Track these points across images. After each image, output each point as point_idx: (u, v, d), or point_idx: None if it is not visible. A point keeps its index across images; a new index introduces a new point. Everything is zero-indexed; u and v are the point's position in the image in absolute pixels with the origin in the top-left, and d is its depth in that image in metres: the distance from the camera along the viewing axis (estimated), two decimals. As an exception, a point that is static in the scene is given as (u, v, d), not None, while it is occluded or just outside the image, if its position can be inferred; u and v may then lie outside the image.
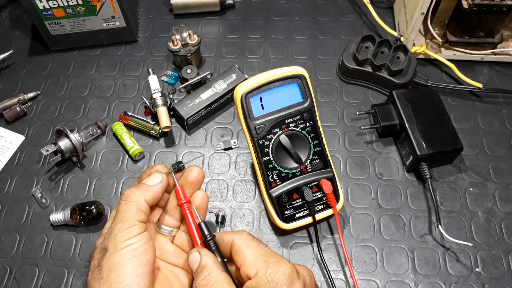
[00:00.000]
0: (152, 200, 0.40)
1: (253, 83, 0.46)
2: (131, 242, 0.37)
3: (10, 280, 0.51)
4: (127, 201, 0.39)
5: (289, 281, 0.35)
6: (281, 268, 0.36)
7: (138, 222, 0.39)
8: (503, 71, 0.66)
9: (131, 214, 0.39)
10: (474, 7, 0.57)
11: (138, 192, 0.40)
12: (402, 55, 0.63)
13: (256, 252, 0.37)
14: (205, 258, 0.38)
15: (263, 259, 0.37)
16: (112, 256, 0.37)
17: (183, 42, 0.65)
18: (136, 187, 0.41)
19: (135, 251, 0.37)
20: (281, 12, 0.74)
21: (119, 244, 0.37)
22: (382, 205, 0.55)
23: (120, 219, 0.39)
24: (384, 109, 0.59)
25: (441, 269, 0.51)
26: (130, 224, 0.38)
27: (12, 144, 0.61)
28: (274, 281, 0.35)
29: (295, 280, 0.36)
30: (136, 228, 0.38)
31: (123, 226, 0.38)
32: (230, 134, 0.61)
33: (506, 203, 0.55)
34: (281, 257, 0.37)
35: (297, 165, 0.49)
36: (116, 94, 0.65)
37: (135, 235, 0.38)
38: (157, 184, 0.41)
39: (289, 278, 0.36)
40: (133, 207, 0.39)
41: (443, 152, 0.54)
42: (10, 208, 0.56)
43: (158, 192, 0.41)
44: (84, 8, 0.64)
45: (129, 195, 0.40)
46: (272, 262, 0.36)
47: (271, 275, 0.35)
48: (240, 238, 0.39)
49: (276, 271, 0.36)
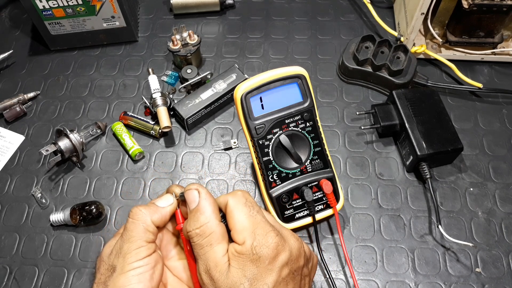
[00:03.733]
0: (159, 221, 0.40)
1: (253, 83, 0.46)
2: (139, 264, 0.37)
3: (10, 280, 0.51)
4: (134, 219, 0.39)
5: (272, 255, 0.36)
6: (267, 241, 0.36)
7: (146, 243, 0.38)
8: (503, 71, 0.66)
9: (139, 234, 0.38)
10: (474, 7, 0.57)
11: (146, 211, 0.39)
12: (402, 55, 0.63)
13: (245, 220, 0.37)
14: (203, 202, 0.38)
15: (251, 228, 0.37)
16: (119, 277, 0.37)
17: (183, 42, 0.65)
18: (145, 206, 0.40)
19: (141, 275, 0.37)
20: (281, 12, 0.74)
21: (126, 265, 0.37)
22: (382, 205, 0.55)
23: (128, 239, 0.38)
24: (384, 109, 0.59)
25: (441, 269, 0.51)
26: (138, 245, 0.38)
27: (12, 144, 0.61)
28: (258, 254, 0.36)
29: (279, 254, 0.36)
30: (144, 249, 0.38)
31: (131, 247, 0.38)
32: (230, 134, 0.61)
33: (506, 203, 0.55)
34: (269, 227, 0.37)
35: (297, 165, 0.49)
36: (116, 94, 0.65)
37: (143, 257, 0.38)
38: (166, 206, 0.41)
39: (273, 252, 0.36)
40: (140, 227, 0.38)
41: (443, 152, 0.54)
42: (10, 208, 0.56)
43: (167, 214, 0.41)
44: (84, 8, 0.64)
45: (136, 213, 0.39)
46: (259, 234, 0.36)
47: (255, 248, 0.36)
48: (234, 200, 0.38)
49: (261, 244, 0.36)
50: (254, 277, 0.35)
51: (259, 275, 0.35)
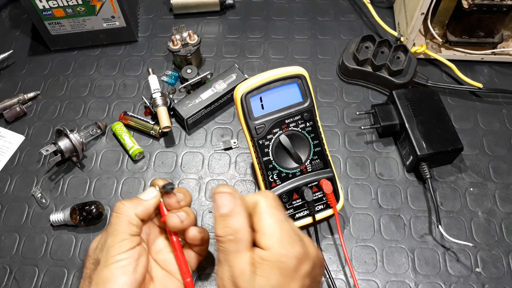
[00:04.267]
0: (143, 214, 0.40)
1: (253, 83, 0.46)
2: (122, 257, 0.37)
3: (10, 280, 0.51)
4: (118, 213, 0.39)
5: (297, 265, 0.35)
6: (293, 250, 0.36)
7: (130, 236, 0.38)
8: (503, 71, 0.66)
9: (122, 227, 0.39)
10: (474, 7, 0.57)
11: (129, 205, 0.40)
12: (402, 55, 0.63)
13: (275, 225, 0.36)
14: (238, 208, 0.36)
15: (280, 235, 0.36)
16: (102, 270, 0.37)
17: (183, 42, 0.65)
18: (128, 200, 0.41)
19: (124, 268, 0.37)
20: (281, 12, 0.74)
21: (110, 258, 0.37)
22: (382, 205, 0.55)
23: (112, 232, 0.39)
24: (384, 109, 0.59)
25: (441, 269, 0.51)
26: (122, 238, 0.38)
27: (12, 144, 0.61)
28: (284, 262, 0.35)
29: (303, 263, 0.36)
30: (127, 242, 0.38)
31: (115, 240, 0.38)
32: (230, 134, 0.61)
33: (506, 203, 0.55)
34: (296, 236, 0.37)
35: (297, 165, 0.49)
36: (116, 94, 0.65)
37: (127, 250, 0.38)
38: (149, 199, 0.41)
39: (298, 262, 0.35)
40: (124, 220, 0.39)
41: (443, 152, 0.54)
42: (10, 208, 0.56)
43: (150, 207, 0.41)
44: (84, 8, 0.64)
45: (119, 207, 0.40)
46: (287, 242, 0.36)
47: (282, 256, 0.35)
48: (266, 202, 0.37)
49: (288, 252, 0.35)
50: (279, 285, 0.35)
51: (284, 284, 0.35)
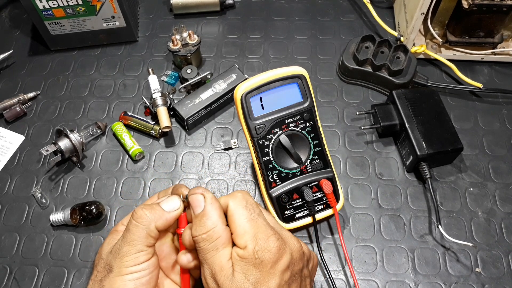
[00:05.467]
0: (163, 227, 0.39)
1: (253, 83, 0.46)
2: (136, 269, 0.37)
3: (10, 280, 0.51)
4: (138, 223, 0.38)
5: (274, 259, 0.36)
6: (269, 245, 0.36)
7: (146, 247, 0.38)
8: (503, 71, 0.66)
9: (140, 238, 0.38)
10: (474, 7, 0.57)
11: (150, 215, 0.38)
12: (402, 55, 0.63)
13: (246, 223, 0.37)
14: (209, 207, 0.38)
15: (253, 232, 0.37)
16: (115, 279, 0.37)
17: (183, 42, 0.65)
18: (150, 209, 0.39)
19: (137, 281, 0.37)
20: (281, 12, 0.74)
21: (123, 268, 0.37)
22: (382, 205, 0.55)
23: (129, 241, 0.38)
24: (384, 109, 0.59)
25: (441, 269, 0.51)
26: (138, 249, 0.37)
27: (12, 144, 0.61)
28: (260, 258, 0.36)
29: (281, 257, 0.36)
30: (143, 254, 0.38)
31: (131, 250, 0.37)
32: (230, 134, 0.61)
33: (506, 203, 0.55)
34: (270, 230, 0.37)
35: (297, 165, 0.49)
36: (116, 94, 0.65)
37: (142, 262, 0.37)
38: (172, 211, 0.39)
39: (275, 256, 0.36)
40: (143, 232, 0.38)
41: (443, 152, 0.54)
42: (10, 208, 0.56)
43: (172, 219, 0.39)
44: (84, 8, 0.64)
45: (141, 216, 0.38)
46: (261, 238, 0.36)
47: (258, 253, 0.36)
48: (234, 203, 0.38)
49: (263, 248, 0.36)
50: (257, 281, 0.35)
51: (262, 279, 0.35)
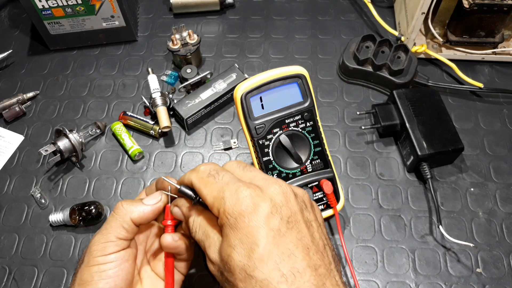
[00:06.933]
0: (139, 220, 0.37)
1: (253, 82, 0.46)
2: (103, 260, 0.35)
3: (9, 280, 0.51)
4: (114, 213, 0.37)
5: (249, 210, 0.32)
6: (238, 197, 0.32)
7: (116, 238, 0.36)
8: (504, 71, 0.66)
9: (112, 228, 0.37)
10: (475, 6, 0.57)
11: (127, 207, 0.38)
12: (403, 55, 0.63)
13: (212, 191, 0.34)
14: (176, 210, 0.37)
15: (220, 196, 0.33)
16: (83, 270, 0.35)
17: (182, 42, 0.65)
18: (130, 201, 0.38)
19: (104, 273, 0.35)
20: (281, 11, 0.74)
21: (91, 259, 0.35)
22: (383, 206, 0.55)
23: (101, 230, 0.37)
24: (385, 109, 0.58)
25: (442, 270, 0.50)
26: (107, 239, 0.36)
27: (11, 144, 0.61)
28: (233, 217, 0.32)
29: (258, 205, 0.32)
30: (111, 245, 0.36)
31: (100, 239, 0.36)
32: (230, 134, 0.61)
33: (507, 203, 0.55)
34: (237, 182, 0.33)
35: (297, 165, 0.49)
36: (115, 94, 0.65)
37: (109, 253, 0.36)
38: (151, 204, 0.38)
39: (249, 206, 0.32)
40: (116, 222, 0.37)
41: (444, 152, 0.54)
42: (9, 208, 0.56)
43: (149, 213, 0.38)
44: (83, 7, 0.64)
45: (118, 207, 0.38)
46: (228, 196, 0.32)
47: (227, 212, 0.32)
48: (196, 178, 0.35)
49: (233, 204, 0.32)
50: (241, 242, 0.31)
51: (245, 238, 0.31)
